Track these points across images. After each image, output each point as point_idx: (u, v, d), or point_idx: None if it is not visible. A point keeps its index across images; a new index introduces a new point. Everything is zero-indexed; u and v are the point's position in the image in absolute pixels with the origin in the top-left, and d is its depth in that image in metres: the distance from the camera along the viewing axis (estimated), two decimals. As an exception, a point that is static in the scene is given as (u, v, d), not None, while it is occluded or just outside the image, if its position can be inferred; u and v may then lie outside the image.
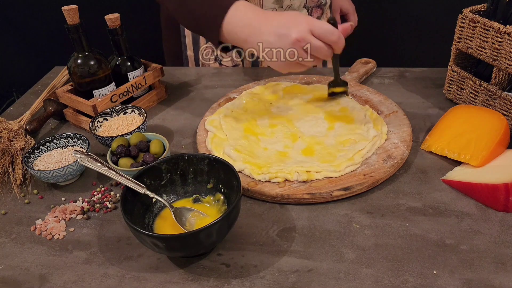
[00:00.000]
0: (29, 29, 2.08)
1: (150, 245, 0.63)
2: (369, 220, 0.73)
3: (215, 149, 0.87)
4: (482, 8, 0.91)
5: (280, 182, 0.78)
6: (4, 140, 0.91)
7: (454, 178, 0.78)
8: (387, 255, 0.67)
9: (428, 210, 0.74)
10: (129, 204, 0.69)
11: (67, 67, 0.99)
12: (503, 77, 0.88)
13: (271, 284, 0.64)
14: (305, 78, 1.10)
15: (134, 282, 0.66)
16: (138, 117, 0.96)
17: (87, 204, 0.80)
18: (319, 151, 0.84)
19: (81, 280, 0.67)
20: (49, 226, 0.76)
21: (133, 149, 0.84)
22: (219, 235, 0.65)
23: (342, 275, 0.65)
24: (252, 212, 0.76)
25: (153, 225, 0.72)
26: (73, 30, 0.93)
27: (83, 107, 0.98)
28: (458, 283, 0.62)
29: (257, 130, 0.91)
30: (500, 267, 0.64)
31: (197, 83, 1.16)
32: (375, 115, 0.93)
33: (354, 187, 0.77)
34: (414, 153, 0.86)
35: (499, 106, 0.88)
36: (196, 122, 0.99)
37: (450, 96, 1.00)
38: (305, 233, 0.72)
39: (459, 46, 0.93)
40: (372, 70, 1.14)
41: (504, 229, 0.69)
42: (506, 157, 0.79)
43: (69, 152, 0.88)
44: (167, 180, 0.75)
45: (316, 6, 1.20)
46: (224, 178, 0.74)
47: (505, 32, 0.81)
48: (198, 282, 0.65)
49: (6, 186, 0.86)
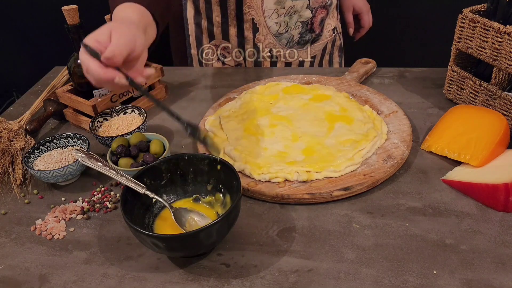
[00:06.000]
0: (29, 29, 2.08)
1: (150, 245, 0.63)
2: (369, 220, 0.73)
3: (215, 149, 0.87)
4: (482, 8, 0.91)
5: (280, 182, 0.78)
6: (4, 140, 0.91)
7: (454, 178, 0.78)
8: (387, 255, 0.67)
9: (428, 210, 0.74)
10: (129, 204, 0.69)
11: (67, 67, 0.99)
12: (503, 77, 0.88)
13: (271, 284, 0.64)
14: (305, 78, 1.10)
15: (134, 282, 0.66)
16: (138, 117, 0.96)
17: (87, 204, 0.80)
18: (319, 151, 0.84)
19: (81, 280, 0.67)
20: (49, 226, 0.76)
21: (133, 149, 0.84)
22: (219, 235, 0.65)
23: (342, 275, 0.65)
24: (252, 212, 0.76)
25: (153, 225, 0.72)
26: (73, 30, 0.93)
27: (83, 107, 0.98)
28: (458, 283, 0.62)
29: (257, 130, 0.91)
30: (500, 267, 0.64)
31: (197, 83, 1.16)
32: (375, 115, 0.93)
33: (354, 187, 0.77)
34: (414, 153, 0.86)
35: (499, 106, 0.88)
36: (196, 122, 0.99)
37: (450, 96, 1.00)
38: (305, 233, 0.72)
39: (459, 46, 0.93)
40: (372, 70, 1.14)
41: (504, 229, 0.69)
42: (506, 157, 0.79)
43: (69, 152, 0.88)
44: (167, 180, 0.75)
45: (321, 7, 1.18)
46: (224, 178, 0.73)
47: (505, 32, 0.81)
48: (198, 282, 0.65)
49: (6, 186, 0.86)
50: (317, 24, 1.20)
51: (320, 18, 1.20)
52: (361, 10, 1.36)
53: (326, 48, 1.27)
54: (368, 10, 1.37)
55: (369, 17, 1.37)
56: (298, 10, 1.15)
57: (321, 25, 1.22)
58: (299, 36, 1.19)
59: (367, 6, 1.37)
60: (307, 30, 1.19)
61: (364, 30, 1.40)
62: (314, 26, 1.20)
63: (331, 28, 1.26)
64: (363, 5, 1.36)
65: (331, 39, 1.27)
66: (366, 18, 1.37)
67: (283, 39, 1.18)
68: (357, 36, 1.42)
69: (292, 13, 1.15)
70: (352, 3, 1.35)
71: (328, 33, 1.25)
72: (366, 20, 1.37)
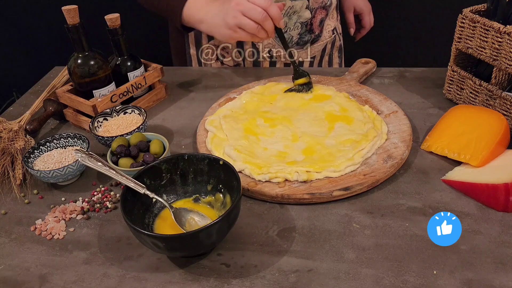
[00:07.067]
0: (29, 29, 2.08)
1: (150, 245, 0.63)
2: (369, 220, 0.73)
3: (215, 149, 0.87)
4: (482, 8, 0.91)
5: (280, 182, 0.78)
6: (4, 140, 0.91)
7: (454, 178, 0.78)
8: (387, 255, 0.67)
9: (428, 210, 0.74)
10: (129, 204, 0.69)
11: (67, 67, 0.99)
12: (503, 77, 0.88)
13: (271, 284, 0.64)
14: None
15: (134, 282, 0.66)
16: (138, 117, 0.96)
17: (87, 204, 0.80)
18: (319, 151, 0.84)
19: (81, 280, 0.67)
20: (49, 226, 0.76)
21: (133, 149, 0.84)
22: (219, 235, 0.65)
23: (342, 275, 0.65)
24: (252, 212, 0.76)
25: (153, 225, 0.72)
26: (73, 30, 0.93)
27: (83, 107, 0.98)
28: (458, 283, 0.62)
29: (257, 130, 0.91)
30: (500, 267, 0.64)
31: (197, 83, 1.16)
32: (375, 115, 0.93)
33: (354, 187, 0.77)
34: (414, 153, 0.86)
35: (499, 106, 0.88)
36: (196, 122, 0.99)
37: (450, 96, 1.00)
38: (305, 233, 0.72)
39: (459, 46, 0.93)
40: (372, 70, 1.14)
41: (504, 229, 0.69)
42: (506, 157, 0.79)
43: (69, 152, 0.88)
44: (167, 180, 0.75)
45: (320, 8, 1.18)
46: (224, 178, 0.74)
47: (505, 32, 0.81)
48: (198, 282, 0.65)
49: (6, 186, 0.86)
50: (316, 25, 1.20)
51: (319, 19, 1.20)
52: (362, 10, 1.35)
53: (325, 48, 1.27)
54: (370, 10, 1.36)
55: (370, 17, 1.36)
56: (297, 11, 1.15)
57: (321, 26, 1.22)
58: (298, 36, 1.19)
59: (369, 6, 1.36)
60: (307, 30, 1.19)
61: (365, 31, 1.39)
62: (313, 26, 1.20)
63: (330, 29, 1.26)
64: (364, 5, 1.35)
65: (330, 40, 1.27)
66: (367, 19, 1.36)
67: None
68: (358, 36, 1.42)
69: (291, 13, 1.15)
70: (353, 3, 1.34)
71: (327, 33, 1.25)
72: (367, 21, 1.36)
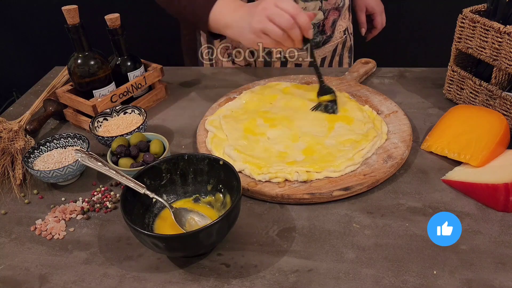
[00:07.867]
0: (29, 29, 2.08)
1: (150, 245, 0.63)
2: (369, 220, 0.73)
3: (215, 149, 0.87)
4: (482, 8, 0.91)
5: (280, 182, 0.78)
6: (4, 140, 0.91)
7: (454, 178, 0.78)
8: (387, 255, 0.67)
9: (428, 210, 0.74)
10: (129, 204, 0.69)
11: (67, 67, 0.99)
12: (503, 77, 0.88)
13: (271, 284, 0.64)
14: (305, 78, 1.10)
15: (134, 282, 0.66)
16: (138, 117, 0.96)
17: (87, 204, 0.80)
18: (319, 151, 0.84)
19: (81, 280, 0.67)
20: (49, 226, 0.76)
21: (133, 149, 0.84)
22: (219, 235, 0.65)
23: (342, 275, 0.65)
24: (252, 212, 0.76)
25: (153, 225, 0.72)
26: (73, 30, 0.93)
27: (83, 107, 0.98)
28: (458, 283, 0.62)
29: (257, 130, 0.91)
30: (500, 267, 0.64)
31: (197, 83, 1.16)
32: (375, 115, 0.93)
33: (354, 187, 0.77)
34: (414, 153, 0.86)
35: (499, 106, 0.88)
36: (196, 122, 0.99)
37: (450, 96, 1.00)
38: (305, 233, 0.72)
39: (459, 46, 0.93)
40: (372, 70, 1.14)
41: (504, 229, 0.69)
42: (506, 157, 0.79)
43: (69, 152, 0.88)
44: (167, 180, 0.75)
45: (333, 9, 1.17)
46: (224, 178, 0.74)
47: (505, 32, 0.81)
48: (198, 282, 0.65)
49: (6, 186, 0.86)
50: (328, 26, 1.19)
51: (332, 20, 1.19)
52: (374, 10, 1.33)
53: (336, 49, 1.27)
54: (382, 11, 1.34)
55: (382, 18, 1.34)
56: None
57: (333, 27, 1.21)
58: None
59: (381, 6, 1.34)
60: (318, 31, 1.18)
61: (377, 31, 1.37)
62: (325, 28, 1.19)
63: (342, 30, 1.25)
64: (376, 5, 1.33)
65: (341, 40, 1.27)
66: (378, 19, 1.34)
67: None
68: (369, 36, 1.39)
69: None
70: (365, 3, 1.32)
71: (339, 34, 1.24)
72: (378, 21, 1.34)
